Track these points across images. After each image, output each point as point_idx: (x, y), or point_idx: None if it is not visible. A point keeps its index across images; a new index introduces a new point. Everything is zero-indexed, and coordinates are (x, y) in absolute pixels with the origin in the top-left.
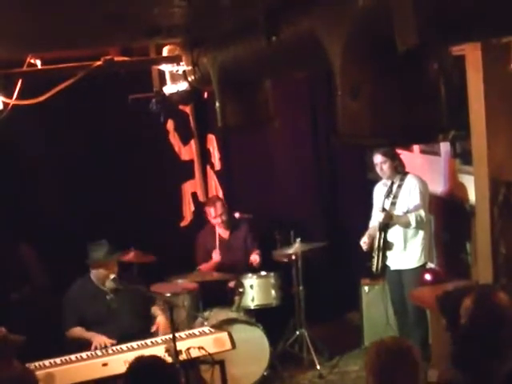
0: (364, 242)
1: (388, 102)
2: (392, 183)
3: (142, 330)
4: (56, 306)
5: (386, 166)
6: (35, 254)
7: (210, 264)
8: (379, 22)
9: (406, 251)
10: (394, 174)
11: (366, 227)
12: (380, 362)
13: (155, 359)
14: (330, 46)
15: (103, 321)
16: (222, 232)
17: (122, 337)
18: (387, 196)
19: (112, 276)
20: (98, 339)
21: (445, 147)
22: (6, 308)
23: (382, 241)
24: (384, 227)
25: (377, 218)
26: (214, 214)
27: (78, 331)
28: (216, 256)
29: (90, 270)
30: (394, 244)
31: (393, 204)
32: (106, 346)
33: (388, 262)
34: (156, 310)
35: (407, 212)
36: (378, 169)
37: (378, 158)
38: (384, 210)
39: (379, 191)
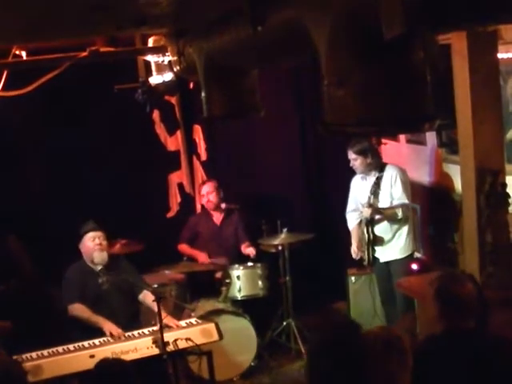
0: (354, 251)
1: (374, 90)
2: (377, 178)
3: (131, 315)
4: (44, 298)
5: (357, 163)
6: (23, 245)
7: (192, 251)
8: (365, 10)
9: (393, 242)
10: (366, 170)
11: None
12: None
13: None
14: (316, 35)
15: (94, 302)
16: (214, 217)
17: (113, 320)
18: (374, 192)
19: (101, 256)
20: (109, 327)
21: (431, 137)
22: None
23: (370, 235)
24: (370, 222)
25: (364, 214)
26: (202, 192)
27: (83, 311)
28: (203, 258)
29: (80, 249)
30: (381, 237)
31: (375, 197)
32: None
33: (376, 254)
34: (154, 306)
35: (391, 203)
36: (351, 164)
37: (350, 155)
38: (370, 205)
39: (357, 184)
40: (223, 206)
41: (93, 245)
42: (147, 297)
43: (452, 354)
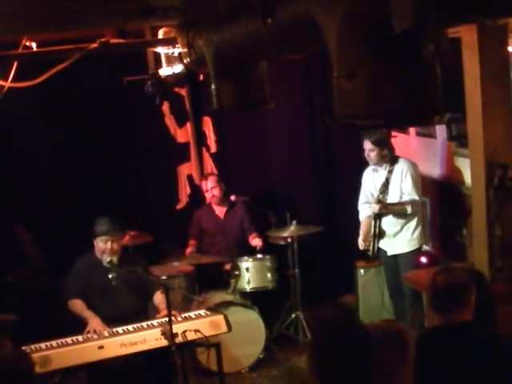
0: (361, 244)
1: (384, 83)
2: (388, 171)
3: (140, 310)
4: (51, 288)
5: (373, 154)
6: (31, 236)
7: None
8: (375, 2)
9: (402, 235)
10: (381, 162)
11: None
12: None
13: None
14: (326, 27)
15: (103, 297)
16: (217, 211)
17: (120, 315)
18: (383, 190)
19: (108, 259)
20: (93, 324)
21: (441, 130)
22: (0, 290)
23: (377, 229)
24: (378, 215)
25: (372, 209)
26: (205, 188)
27: (78, 306)
28: (188, 251)
29: (93, 242)
30: (389, 230)
31: (384, 193)
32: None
33: (384, 247)
34: (160, 303)
35: (401, 198)
36: (365, 154)
37: (367, 145)
38: (379, 201)
39: (368, 176)
40: (233, 197)
41: (104, 247)
42: (157, 297)
43: (441, 347)
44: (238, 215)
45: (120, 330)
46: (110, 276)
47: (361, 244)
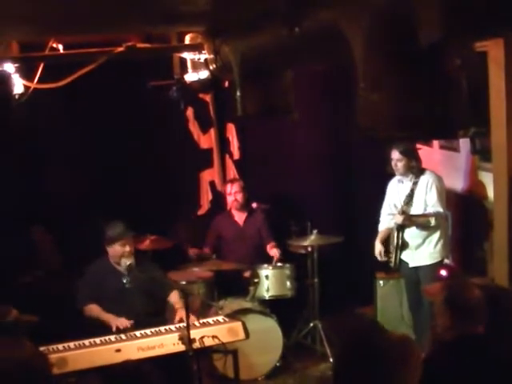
0: (379, 254)
1: (409, 95)
2: (413, 183)
3: (155, 313)
4: (68, 290)
5: (400, 164)
6: (50, 237)
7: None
8: (403, 15)
9: (424, 248)
10: (408, 172)
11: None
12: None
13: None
14: (353, 39)
15: (117, 301)
16: (237, 217)
17: (135, 317)
18: (407, 201)
19: (128, 262)
20: (117, 321)
21: (464, 143)
22: (17, 291)
23: (399, 240)
24: (401, 227)
25: (396, 220)
26: (229, 191)
27: (95, 310)
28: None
29: (107, 249)
30: (411, 242)
31: (409, 205)
32: (125, 328)
33: (406, 259)
34: (176, 303)
35: (425, 210)
36: (392, 164)
37: (395, 155)
38: (403, 212)
39: (393, 187)
40: (254, 205)
41: (122, 251)
42: (172, 297)
43: (463, 359)
44: (257, 223)
45: (138, 333)
46: (124, 281)
47: (378, 253)
